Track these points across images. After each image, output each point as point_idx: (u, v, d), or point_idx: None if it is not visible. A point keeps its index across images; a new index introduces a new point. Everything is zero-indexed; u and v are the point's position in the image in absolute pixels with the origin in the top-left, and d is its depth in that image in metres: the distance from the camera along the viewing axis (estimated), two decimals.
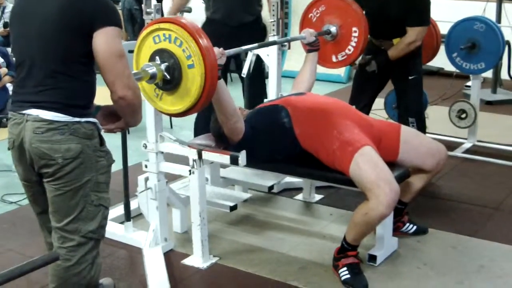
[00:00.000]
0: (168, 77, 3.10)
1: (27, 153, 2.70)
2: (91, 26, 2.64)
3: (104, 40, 2.64)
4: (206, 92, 3.08)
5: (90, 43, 2.66)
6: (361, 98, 4.98)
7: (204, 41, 3.06)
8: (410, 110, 4.94)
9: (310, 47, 4.28)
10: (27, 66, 2.72)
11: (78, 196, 2.73)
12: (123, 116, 2.84)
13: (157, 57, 3.11)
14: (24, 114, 2.68)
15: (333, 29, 4.48)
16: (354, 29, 4.44)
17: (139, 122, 2.91)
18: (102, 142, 2.80)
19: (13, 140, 2.74)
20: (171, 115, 3.43)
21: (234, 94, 5.28)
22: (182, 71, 3.09)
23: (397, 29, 4.68)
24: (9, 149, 2.80)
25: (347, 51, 4.51)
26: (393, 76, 4.97)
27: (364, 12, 4.54)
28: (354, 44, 4.47)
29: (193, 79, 3.07)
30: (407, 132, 3.85)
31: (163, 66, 3.09)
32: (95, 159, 2.74)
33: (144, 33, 3.19)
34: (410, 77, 4.86)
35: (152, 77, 3.08)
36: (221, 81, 3.36)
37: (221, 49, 3.45)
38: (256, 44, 4.03)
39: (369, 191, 3.36)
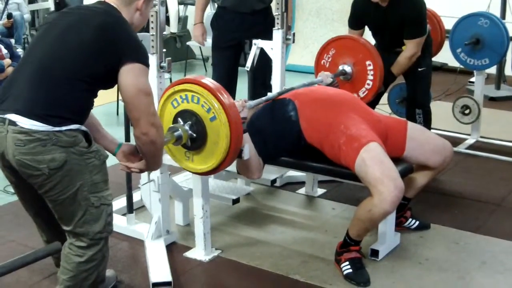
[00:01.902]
0: (194, 135, 3.19)
1: (11, 163, 2.70)
2: (119, 58, 2.68)
3: (132, 77, 2.69)
4: (233, 142, 3.16)
5: (106, 70, 2.69)
6: None
7: (226, 98, 3.15)
8: (417, 101, 5.00)
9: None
10: (28, 66, 2.72)
11: (76, 202, 2.74)
12: (145, 155, 2.89)
13: (179, 119, 3.19)
14: (5, 120, 2.64)
15: (348, 68, 4.51)
16: (368, 63, 4.47)
17: (160, 166, 2.96)
18: (89, 143, 2.78)
19: None
20: (204, 174, 3.45)
21: (239, 87, 5.30)
22: (206, 126, 3.17)
23: (403, 40, 4.74)
24: None
25: (366, 86, 4.52)
26: None
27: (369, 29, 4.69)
28: (371, 78, 4.49)
29: (218, 131, 3.15)
30: (414, 129, 3.84)
31: (187, 126, 3.19)
32: (85, 163, 2.73)
33: (162, 100, 3.30)
34: (419, 69, 4.88)
35: (178, 138, 3.17)
36: (246, 135, 3.41)
37: (242, 100, 3.52)
38: (276, 93, 3.98)
39: (374, 187, 3.35)
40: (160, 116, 3.25)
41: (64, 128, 2.66)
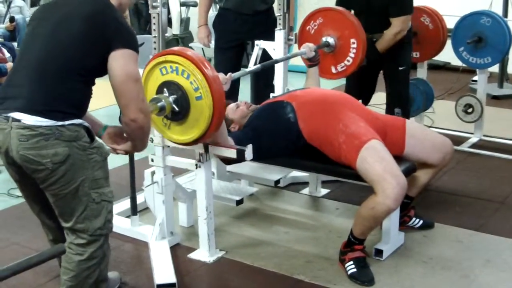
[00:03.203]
0: (177, 109, 3.16)
1: (15, 160, 2.71)
2: (108, 44, 2.68)
3: (121, 63, 2.69)
4: (214, 123, 3.17)
5: (99, 60, 2.69)
6: (355, 94, 4.98)
7: (210, 72, 3.13)
8: (397, 100, 4.99)
9: (311, 62, 4.30)
10: (24, 64, 2.74)
11: (78, 197, 2.75)
12: (132, 139, 2.88)
13: (165, 89, 3.16)
14: (8, 118, 2.67)
15: (331, 41, 4.52)
16: (352, 40, 4.49)
17: (146, 147, 2.95)
18: (92, 138, 2.79)
19: (0, 146, 2.74)
20: (180, 144, 3.46)
21: (242, 87, 5.31)
22: (191, 103, 3.15)
23: (385, 21, 4.73)
24: None
25: (346, 62, 4.55)
26: (384, 67, 5.02)
27: (353, 11, 4.64)
28: (353, 56, 4.51)
29: (202, 111, 3.14)
30: (413, 126, 3.85)
31: (171, 99, 3.15)
32: (87, 158, 2.75)
33: (150, 64, 3.25)
34: (400, 68, 4.89)
35: (161, 109, 3.14)
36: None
37: (229, 74, 3.48)
38: (259, 65, 4.05)
39: (376, 184, 3.36)
40: (145, 79, 3.24)
41: (67, 122, 2.68)
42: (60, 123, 2.67)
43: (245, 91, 5.33)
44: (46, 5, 2.94)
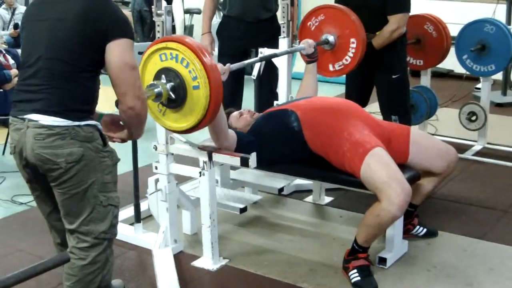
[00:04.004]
0: (173, 96, 3.15)
1: (29, 159, 2.73)
2: (105, 37, 2.68)
3: (117, 52, 2.69)
4: (210, 113, 3.17)
5: (99, 53, 2.70)
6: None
7: (209, 60, 3.12)
8: (392, 109, 4.92)
9: (309, 59, 4.30)
10: (33, 68, 2.75)
11: (86, 198, 2.76)
12: (129, 126, 2.88)
13: (163, 76, 3.15)
14: (24, 119, 2.71)
15: (331, 38, 4.49)
16: (352, 40, 4.46)
17: (142, 134, 2.95)
18: (104, 142, 2.82)
19: (14, 146, 2.77)
20: (173, 131, 3.46)
21: (246, 95, 5.31)
22: (187, 91, 3.15)
23: (381, 21, 4.71)
24: (11, 153, 2.83)
25: (344, 61, 4.52)
26: (376, 73, 4.96)
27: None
28: (351, 55, 4.48)
29: (198, 100, 3.13)
30: (417, 134, 3.84)
31: (168, 86, 3.14)
32: (99, 160, 2.77)
33: (151, 50, 3.24)
34: (393, 76, 4.85)
35: (158, 96, 3.13)
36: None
37: (227, 65, 3.47)
38: (257, 58, 4.06)
39: (381, 192, 3.35)
40: (144, 63, 3.25)
41: (82, 123, 2.72)
42: (77, 123, 2.71)
43: (248, 99, 5.34)
44: (37, 4, 2.90)
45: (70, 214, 2.81)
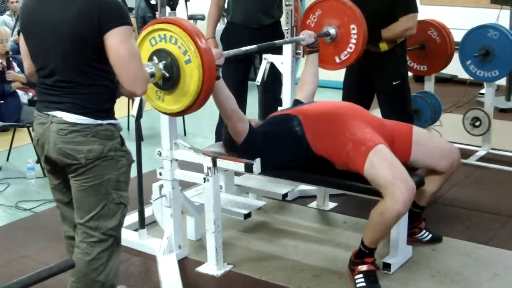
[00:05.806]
0: (167, 74, 3.15)
1: (49, 155, 2.80)
2: (100, 32, 2.69)
3: (115, 41, 2.69)
4: (205, 86, 3.12)
5: (102, 48, 2.70)
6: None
7: (192, 27, 3.12)
8: (394, 115, 4.84)
9: (310, 49, 4.30)
10: (50, 79, 2.80)
11: (99, 193, 2.82)
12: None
13: (154, 57, 3.16)
14: (49, 115, 2.78)
15: (331, 30, 4.48)
16: (352, 26, 4.44)
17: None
18: (122, 142, 2.89)
19: (38, 138, 2.86)
20: (173, 115, 3.46)
21: (250, 101, 5.32)
22: (180, 67, 3.14)
23: (382, 21, 4.69)
24: (34, 145, 2.95)
25: (348, 49, 4.50)
26: (376, 81, 4.94)
27: None
28: (354, 41, 4.45)
29: (191, 73, 3.12)
30: (419, 133, 3.84)
31: (161, 65, 3.14)
32: (116, 159, 2.84)
33: (141, 36, 3.26)
34: (394, 83, 4.84)
35: (151, 76, 3.12)
36: (220, 81, 3.42)
37: (220, 50, 3.49)
38: (255, 46, 4.04)
39: (385, 189, 3.36)
40: None
41: (105, 122, 2.79)
42: (99, 121, 2.77)
43: (252, 105, 5.34)
44: (31, 4, 2.86)
45: (82, 208, 2.86)
